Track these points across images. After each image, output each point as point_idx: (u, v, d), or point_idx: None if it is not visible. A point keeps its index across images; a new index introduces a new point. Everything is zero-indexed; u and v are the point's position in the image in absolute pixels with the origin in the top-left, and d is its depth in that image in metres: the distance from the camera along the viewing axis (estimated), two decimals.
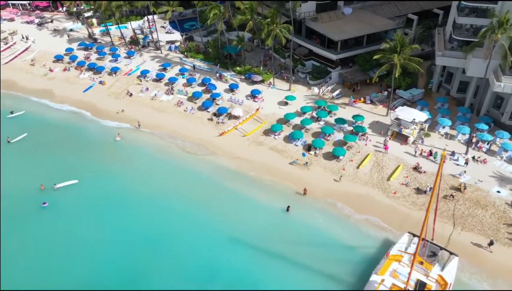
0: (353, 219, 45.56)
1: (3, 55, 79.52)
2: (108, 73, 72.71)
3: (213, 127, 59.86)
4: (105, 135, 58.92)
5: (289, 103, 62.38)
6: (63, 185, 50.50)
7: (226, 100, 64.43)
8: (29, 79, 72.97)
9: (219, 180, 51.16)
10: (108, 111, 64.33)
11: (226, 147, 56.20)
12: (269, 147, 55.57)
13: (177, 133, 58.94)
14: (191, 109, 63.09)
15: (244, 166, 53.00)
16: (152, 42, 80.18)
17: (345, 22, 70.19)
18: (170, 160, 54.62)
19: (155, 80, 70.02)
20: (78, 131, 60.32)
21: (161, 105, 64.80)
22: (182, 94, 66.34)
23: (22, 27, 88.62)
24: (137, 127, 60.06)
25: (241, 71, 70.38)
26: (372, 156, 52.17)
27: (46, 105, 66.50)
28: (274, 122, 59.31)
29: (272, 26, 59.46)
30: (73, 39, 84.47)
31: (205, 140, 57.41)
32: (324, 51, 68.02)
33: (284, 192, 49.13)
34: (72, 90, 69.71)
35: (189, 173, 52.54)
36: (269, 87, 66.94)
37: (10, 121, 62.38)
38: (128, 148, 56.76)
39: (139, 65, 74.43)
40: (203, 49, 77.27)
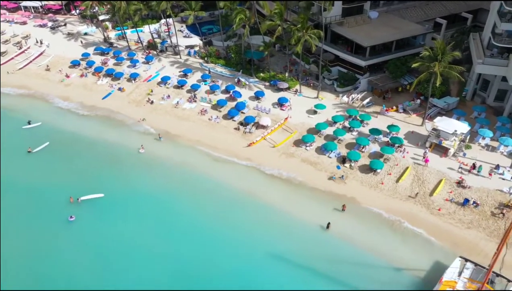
0: (397, 237, 43.12)
1: (17, 60, 77.31)
2: (127, 80, 70.29)
3: (240, 137, 57.40)
4: (127, 147, 56.35)
5: (318, 112, 59.89)
6: (89, 197, 48.23)
7: (252, 109, 61.94)
8: (45, 85, 70.62)
9: (252, 194, 48.76)
10: (129, 120, 61.91)
11: (256, 158, 53.74)
12: (301, 159, 53.11)
13: (203, 144, 56.44)
14: (216, 118, 60.63)
15: (276, 180, 50.58)
16: (170, 46, 77.74)
17: (372, 27, 67.73)
18: (198, 173, 52.16)
19: (176, 87, 67.56)
20: (100, 141, 57.83)
21: (184, 114, 62.33)
22: (205, 102, 63.87)
23: (35, 31, 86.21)
24: (158, 139, 57.42)
25: (265, 77, 67.89)
26: (412, 169, 49.68)
27: (64, 113, 64.22)
28: (304, 132, 56.84)
29: (302, 32, 57.03)
30: (88, 43, 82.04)
31: (233, 152, 54.94)
32: (352, 57, 65.62)
33: (322, 208, 46.68)
34: (90, 97, 67.32)
35: (219, 186, 50.11)
36: (295, 94, 64.46)
37: (28, 132, 59.96)
38: (153, 160, 54.10)
39: (159, 71, 72.01)
40: (224, 54, 74.79)
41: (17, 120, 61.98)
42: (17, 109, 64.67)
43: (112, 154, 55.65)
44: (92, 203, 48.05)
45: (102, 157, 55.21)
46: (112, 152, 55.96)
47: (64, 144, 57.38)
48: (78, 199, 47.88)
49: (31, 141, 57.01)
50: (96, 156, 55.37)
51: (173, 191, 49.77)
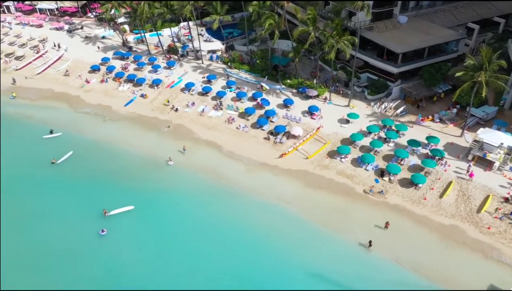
0: (448, 257, 40.74)
1: (36, 64, 75.42)
2: (149, 86, 68.21)
3: (271, 148, 55.16)
4: (156, 158, 54.19)
5: (351, 121, 57.60)
6: (119, 211, 46.23)
7: (281, 117, 59.68)
8: (65, 91, 68.62)
9: (286, 209, 46.55)
10: (153, 128, 59.81)
11: (287, 170, 51.47)
12: (336, 171, 50.85)
13: (232, 155, 54.32)
14: (244, 127, 58.43)
15: (312, 193, 48.35)
16: (192, 51, 75.61)
17: (403, 32, 65.27)
18: (229, 185, 50.02)
19: (201, 94, 65.39)
20: (124, 150, 55.71)
21: (210, 122, 60.16)
22: (232, 110, 61.69)
23: (51, 34, 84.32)
24: (182, 152, 54.95)
25: (292, 84, 65.65)
26: (455, 184, 47.32)
27: (86, 120, 62.18)
28: (337, 143, 54.60)
29: (336, 38, 54.77)
30: (107, 47, 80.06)
31: (264, 163, 52.74)
32: (383, 64, 63.29)
33: (362, 225, 44.40)
34: (112, 103, 65.27)
35: (253, 200, 47.91)
36: (325, 102, 62.17)
37: (50, 141, 57.73)
38: (182, 173, 51.86)
39: (181, 76, 69.89)
40: (248, 60, 72.58)
41: (37, 129, 59.88)
42: (36, 116, 62.70)
43: (139, 164, 53.49)
44: (123, 215, 46.07)
45: (128, 167, 53.15)
46: (139, 162, 53.81)
47: (88, 153, 55.35)
48: (105, 213, 45.81)
49: (54, 152, 54.92)
50: (122, 166, 53.32)
51: (205, 204, 47.71)
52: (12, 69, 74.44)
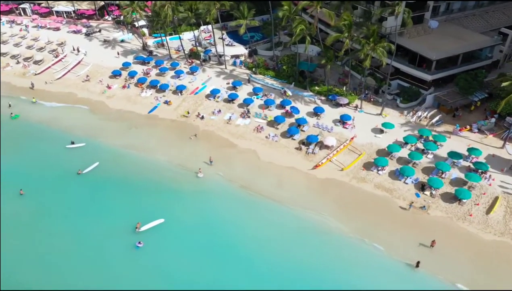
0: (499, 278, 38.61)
1: (55, 69, 73.76)
2: (172, 92, 66.35)
3: (303, 158, 53.15)
4: (184, 169, 52.29)
5: (385, 131, 55.51)
6: (151, 225, 44.42)
7: (312, 126, 57.66)
8: (86, 97, 66.90)
9: (326, 226, 44.49)
10: (179, 136, 57.89)
11: (323, 183, 49.50)
12: (374, 184, 48.78)
13: (263, 166, 52.34)
14: (274, 136, 56.42)
15: (350, 207, 46.30)
16: (214, 56, 73.69)
17: (434, 37, 63.10)
18: (262, 198, 48.01)
19: (227, 101, 63.46)
20: (152, 161, 53.88)
21: (238, 131, 58.21)
22: (260, 118, 59.69)
23: (69, 38, 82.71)
24: (209, 164, 52.85)
25: (321, 91, 63.58)
26: (502, 199, 45.14)
27: (110, 128, 60.29)
28: (373, 154, 52.52)
29: (371, 45, 52.71)
30: (127, 51, 78.38)
31: (298, 175, 50.75)
32: (416, 71, 61.14)
33: (406, 242, 42.29)
34: (135, 110, 63.44)
35: (288, 214, 45.98)
36: (356, 111, 60.08)
37: (73, 151, 55.91)
38: (213, 185, 50.10)
39: (205, 82, 68.00)
40: (273, 65, 70.57)
41: (60, 137, 58.21)
42: (58, 124, 61.03)
43: (167, 175, 51.59)
44: (155, 228, 44.35)
45: (156, 178, 51.22)
46: (167, 173, 51.92)
47: (114, 163, 53.60)
48: (136, 228, 44.01)
49: (79, 162, 53.24)
50: (149, 177, 51.38)
51: (238, 217, 45.90)
52: (31, 73, 72.86)
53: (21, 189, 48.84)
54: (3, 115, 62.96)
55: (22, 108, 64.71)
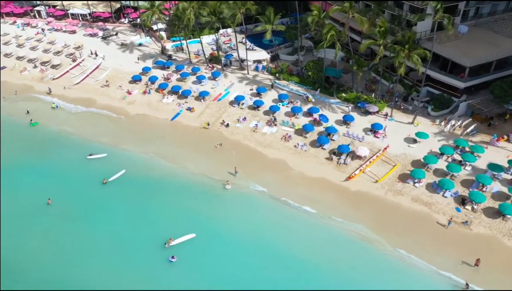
0: None
1: (73, 73, 72.23)
2: (195, 98, 64.63)
3: (335, 169, 51.29)
4: (211, 180, 50.57)
5: (418, 141, 53.54)
6: (182, 240, 42.78)
7: (341, 135, 55.78)
8: (107, 103, 65.24)
9: (363, 239, 42.66)
10: (204, 145, 56.12)
11: (357, 195, 47.68)
12: (411, 198, 46.82)
13: (294, 177, 50.53)
14: (302, 145, 54.59)
15: (388, 222, 44.39)
16: (236, 61, 71.90)
17: (465, 43, 61.12)
18: (294, 211, 46.30)
19: (252, 108, 61.64)
20: (178, 170, 52.21)
21: (265, 139, 56.38)
22: (287, 127, 57.87)
23: (86, 41, 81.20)
24: (234, 175, 51.01)
25: (348, 98, 61.67)
26: None
27: (132, 136, 58.61)
28: (407, 165, 50.58)
29: (405, 52, 50.79)
30: (145, 55, 76.73)
31: (330, 187, 48.89)
32: (448, 78, 59.11)
33: (449, 259, 40.30)
34: (158, 117, 61.72)
35: (322, 227, 44.25)
36: (386, 119, 58.13)
37: (95, 161, 54.05)
38: (242, 197, 48.31)
39: (228, 88, 66.24)
40: (297, 71, 68.71)
41: (82, 145, 56.65)
42: (79, 131, 59.37)
43: (195, 186, 49.88)
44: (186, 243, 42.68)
45: (183, 189, 49.59)
46: (194, 184, 50.17)
47: (139, 172, 51.95)
48: (166, 244, 42.31)
49: (103, 170, 51.69)
50: (176, 188, 49.83)
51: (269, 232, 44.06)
52: (49, 78, 71.39)
53: (49, 198, 47.58)
54: (22, 122, 61.59)
55: (41, 114, 63.17)
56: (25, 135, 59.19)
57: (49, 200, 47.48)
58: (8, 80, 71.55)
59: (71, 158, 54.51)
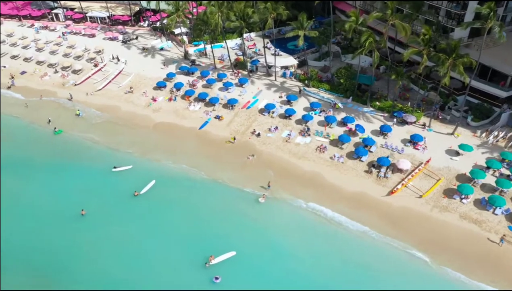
0: None
1: (95, 79, 70.30)
2: (222, 106, 62.53)
3: (375, 183, 49.04)
4: (244, 193, 48.57)
5: (461, 153, 51.20)
6: (221, 258, 40.74)
7: (379, 146, 53.50)
8: (132, 110, 63.23)
9: (410, 261, 40.41)
10: (235, 156, 54.00)
11: (401, 211, 45.40)
12: (459, 215, 44.50)
13: (332, 191, 48.31)
14: (339, 157, 52.36)
15: (436, 241, 42.05)
16: (263, 67, 69.73)
17: (505, 49, 58.54)
18: (336, 228, 44.10)
19: (283, 117, 59.44)
20: (210, 182, 50.19)
21: (299, 150, 54.18)
22: (322, 137, 55.66)
23: (106, 45, 79.33)
24: (266, 189, 48.87)
25: (383, 107, 59.39)
26: None
27: (160, 145, 56.57)
28: (452, 179, 48.25)
29: (450, 60, 48.48)
30: (167, 60, 74.69)
31: (372, 202, 46.67)
32: (489, 86, 56.70)
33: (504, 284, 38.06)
34: (185, 125, 59.55)
35: (365, 245, 42.17)
36: (424, 129, 55.79)
37: (122, 173, 51.98)
38: (279, 212, 46.21)
39: (256, 95, 64.07)
40: (327, 77, 66.48)
41: (108, 155, 54.79)
42: (104, 140, 57.33)
43: (228, 200, 47.92)
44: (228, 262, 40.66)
45: (216, 202, 47.59)
46: (227, 197, 48.23)
47: (170, 184, 50.11)
48: (207, 263, 40.25)
49: (133, 181, 49.87)
50: (209, 200, 47.83)
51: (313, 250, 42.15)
52: (71, 84, 69.49)
53: (83, 209, 46.13)
54: (46, 130, 59.83)
55: (64, 122, 61.28)
56: (50, 144, 57.36)
57: (82, 211, 46.04)
58: (28, 85, 69.84)
59: (98, 168, 52.57)
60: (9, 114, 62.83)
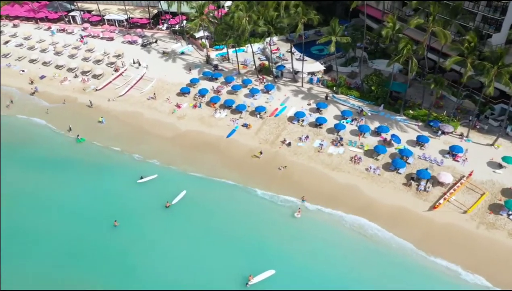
0: None
1: (116, 84, 68.53)
2: (249, 113, 60.55)
3: (415, 197, 46.86)
4: (278, 206, 46.70)
5: (504, 166, 48.96)
6: (261, 278, 38.91)
7: (416, 157, 51.34)
8: (156, 117, 61.39)
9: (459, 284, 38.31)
10: (267, 167, 51.99)
11: (445, 228, 43.22)
12: (507, 232, 42.30)
13: (371, 205, 46.21)
14: (375, 168, 50.26)
15: (486, 262, 39.86)
16: (289, 72, 67.70)
17: None
18: (376, 247, 42.02)
19: (314, 126, 57.36)
20: (241, 194, 48.38)
21: (332, 161, 52.10)
22: (355, 147, 53.59)
23: (125, 49, 77.58)
24: (301, 203, 47.00)
25: (417, 116, 57.19)
26: None
27: (185, 153, 54.73)
28: (497, 193, 45.97)
29: (495, 70, 46.27)
30: (189, 65, 72.78)
31: (413, 217, 44.55)
32: None
33: None
34: (211, 134, 57.65)
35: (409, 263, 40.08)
36: (462, 140, 53.56)
37: (148, 185, 50.21)
38: (316, 228, 44.18)
39: (284, 103, 62.04)
40: (355, 84, 64.39)
41: (135, 164, 53.15)
42: (128, 149, 55.61)
43: (261, 214, 46.04)
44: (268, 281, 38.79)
45: (250, 216, 45.92)
46: (260, 211, 46.39)
47: (201, 194, 48.62)
48: (247, 283, 38.34)
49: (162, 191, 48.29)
50: (242, 213, 46.25)
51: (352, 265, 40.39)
52: (91, 89, 67.79)
53: (115, 220, 44.74)
54: (69, 138, 58.16)
55: (86, 129, 59.48)
56: (73, 152, 55.74)
57: (115, 222, 44.65)
58: (48, 90, 68.27)
59: (124, 178, 51.01)
60: (32, 120, 61.86)
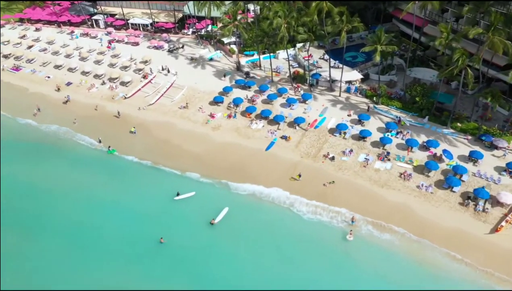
0: None
1: (146, 92, 66.13)
2: (287, 124, 57.96)
3: (473, 217, 44.04)
4: (329, 227, 44.13)
5: None
6: None
7: (470, 175, 48.54)
8: (189, 128, 58.82)
9: None
10: (311, 182, 49.38)
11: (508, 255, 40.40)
12: None
13: (426, 227, 43.39)
14: (427, 186, 47.50)
15: None
16: (326, 81, 65.05)
17: None
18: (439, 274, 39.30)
19: (357, 138, 54.69)
20: (286, 213, 45.89)
21: (380, 177, 49.37)
22: (403, 162, 50.88)
23: (152, 54, 75.25)
24: (349, 224, 44.40)
25: (465, 129, 54.37)
26: None
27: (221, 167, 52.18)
28: None
29: None
30: (219, 72, 70.37)
31: (474, 241, 41.78)
32: None
33: None
34: (249, 146, 55.02)
35: None
36: None
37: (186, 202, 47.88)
38: (370, 253, 41.58)
39: (323, 113, 59.38)
40: (397, 94, 61.66)
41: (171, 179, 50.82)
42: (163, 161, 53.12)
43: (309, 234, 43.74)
44: None
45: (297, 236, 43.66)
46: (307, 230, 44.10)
47: (244, 212, 46.41)
48: None
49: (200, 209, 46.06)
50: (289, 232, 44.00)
51: None
52: (120, 97, 65.41)
53: (161, 237, 42.83)
54: (100, 150, 55.96)
55: (117, 139, 57.09)
56: (104, 165, 53.49)
57: (161, 239, 42.69)
58: (76, 98, 65.77)
59: (160, 193, 48.79)
60: (61, 129, 60.21)
